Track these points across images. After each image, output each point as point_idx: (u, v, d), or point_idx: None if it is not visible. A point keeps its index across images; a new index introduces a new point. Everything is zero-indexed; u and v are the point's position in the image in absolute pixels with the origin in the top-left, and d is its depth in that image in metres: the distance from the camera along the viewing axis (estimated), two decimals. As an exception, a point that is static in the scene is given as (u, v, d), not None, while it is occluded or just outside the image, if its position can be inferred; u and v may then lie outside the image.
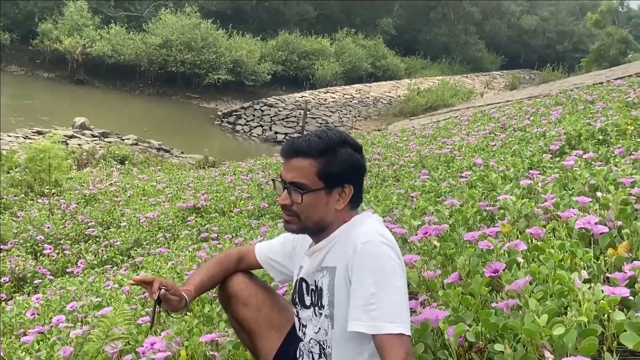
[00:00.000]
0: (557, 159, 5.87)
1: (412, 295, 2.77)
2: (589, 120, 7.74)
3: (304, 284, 2.20)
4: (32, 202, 12.41)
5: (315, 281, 2.14)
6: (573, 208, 3.41)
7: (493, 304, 2.31)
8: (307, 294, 2.18)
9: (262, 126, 32.81)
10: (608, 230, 2.79)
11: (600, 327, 1.81)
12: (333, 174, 2.06)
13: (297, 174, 2.04)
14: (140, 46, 40.91)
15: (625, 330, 1.69)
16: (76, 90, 38.12)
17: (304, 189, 2.03)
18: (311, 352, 2.15)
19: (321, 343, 2.10)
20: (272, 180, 2.20)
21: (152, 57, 40.84)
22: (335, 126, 31.43)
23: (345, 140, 2.12)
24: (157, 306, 2.24)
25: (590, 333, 1.75)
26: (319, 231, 2.10)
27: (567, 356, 1.61)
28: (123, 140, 23.79)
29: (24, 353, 3.98)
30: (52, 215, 10.80)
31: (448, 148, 9.42)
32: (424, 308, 2.59)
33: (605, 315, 1.91)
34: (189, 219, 9.62)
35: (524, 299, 2.06)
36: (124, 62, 40.98)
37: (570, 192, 4.05)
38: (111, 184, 14.01)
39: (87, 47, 40.67)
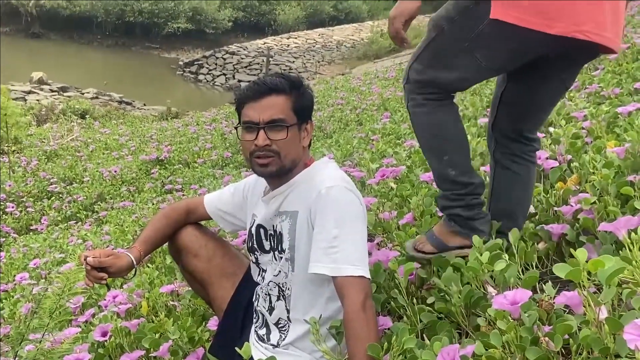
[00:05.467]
0: (515, 96, 5.89)
1: (369, 238, 2.80)
2: (547, 56, 7.75)
3: (261, 230, 2.20)
4: (-9, 160, 12.20)
5: (273, 226, 2.14)
6: (527, 144, 3.45)
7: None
8: (266, 239, 2.18)
9: (225, 75, 32.43)
10: (558, 164, 2.83)
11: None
12: (303, 108, 2.08)
13: (275, 111, 2.01)
14: (95, -4, 39.87)
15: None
16: (32, 44, 37.14)
17: (286, 123, 2.02)
18: (269, 294, 2.16)
19: (280, 285, 2.12)
20: (236, 127, 2.16)
21: (108, 7, 39.83)
22: (299, 72, 31.18)
23: (301, 78, 2.17)
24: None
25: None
26: (289, 171, 2.09)
27: (509, 290, 1.66)
28: (83, 94, 23.35)
29: (-14, 312, 3.97)
30: (13, 173, 10.65)
31: (409, 90, 9.40)
32: (379, 249, 2.63)
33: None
34: (152, 171, 9.58)
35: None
36: (80, 13, 39.93)
37: (525, 128, 4.09)
38: (72, 139, 13.81)
39: (41, -1, 39.56)
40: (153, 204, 7.31)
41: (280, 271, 2.12)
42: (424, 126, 2.13)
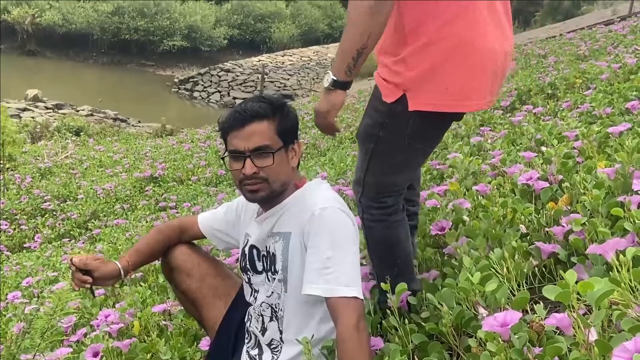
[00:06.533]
0: (508, 114, 5.93)
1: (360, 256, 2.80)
2: (540, 74, 7.81)
3: (254, 251, 2.20)
4: (-16, 178, 12.15)
5: (266, 247, 2.15)
6: (519, 163, 3.46)
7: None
8: (259, 260, 2.19)
9: (220, 92, 32.49)
10: (549, 184, 2.84)
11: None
12: (288, 130, 2.08)
13: (259, 138, 2.01)
14: (91, 14, 39.94)
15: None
16: (27, 62, 37.16)
17: (271, 149, 2.02)
18: (262, 315, 2.16)
19: (273, 306, 2.12)
20: (222, 158, 2.17)
21: (104, 25, 39.95)
22: (294, 89, 31.31)
23: (283, 98, 2.17)
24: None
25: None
26: (280, 194, 2.09)
27: (500, 311, 1.66)
28: (78, 111, 23.35)
29: (-22, 331, 3.93)
30: (7, 190, 10.61)
31: (403, 108, 9.43)
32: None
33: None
34: (146, 188, 9.55)
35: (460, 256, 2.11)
36: (76, 31, 40.01)
37: (517, 147, 4.11)
38: (67, 156, 13.78)
39: (37, 17, 39.56)
40: (147, 222, 7.30)
41: (273, 292, 2.12)
42: (379, 242, 2.25)
